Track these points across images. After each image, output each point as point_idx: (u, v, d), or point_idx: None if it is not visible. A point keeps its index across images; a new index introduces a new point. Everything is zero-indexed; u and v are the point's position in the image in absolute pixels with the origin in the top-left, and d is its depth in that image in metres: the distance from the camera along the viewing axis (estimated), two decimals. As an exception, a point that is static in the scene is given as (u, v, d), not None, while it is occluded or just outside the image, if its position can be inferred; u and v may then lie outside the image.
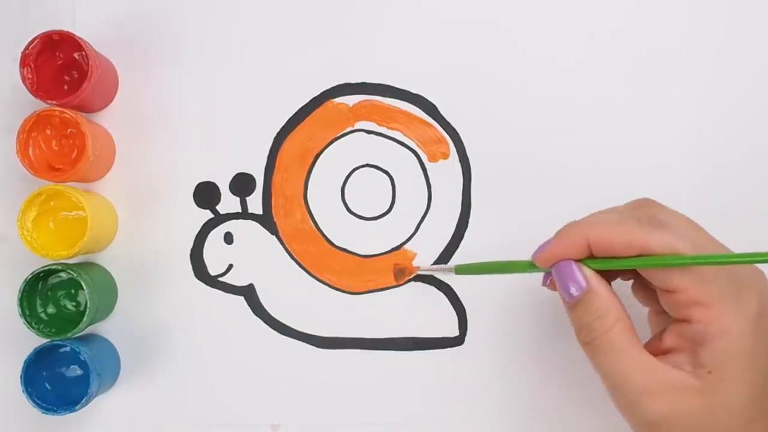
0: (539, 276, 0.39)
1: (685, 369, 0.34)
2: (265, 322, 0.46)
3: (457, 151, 0.46)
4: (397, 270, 0.44)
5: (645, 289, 0.39)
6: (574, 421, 0.45)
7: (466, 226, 0.46)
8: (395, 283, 0.46)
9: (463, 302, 0.46)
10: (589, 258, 0.36)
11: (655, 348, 0.36)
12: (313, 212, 0.47)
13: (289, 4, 0.47)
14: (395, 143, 0.47)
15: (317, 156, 0.47)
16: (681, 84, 0.46)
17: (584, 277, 0.35)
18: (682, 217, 0.35)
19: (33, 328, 0.42)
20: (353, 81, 0.47)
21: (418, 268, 0.45)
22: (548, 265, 0.36)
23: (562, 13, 0.46)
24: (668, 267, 0.34)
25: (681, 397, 0.34)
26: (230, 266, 0.46)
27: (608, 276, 0.37)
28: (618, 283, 0.38)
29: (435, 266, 0.45)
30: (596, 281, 0.35)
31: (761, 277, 0.35)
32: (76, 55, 0.45)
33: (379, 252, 0.46)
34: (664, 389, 0.34)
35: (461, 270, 0.43)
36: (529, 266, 0.37)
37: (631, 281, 0.39)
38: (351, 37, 0.47)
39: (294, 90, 0.47)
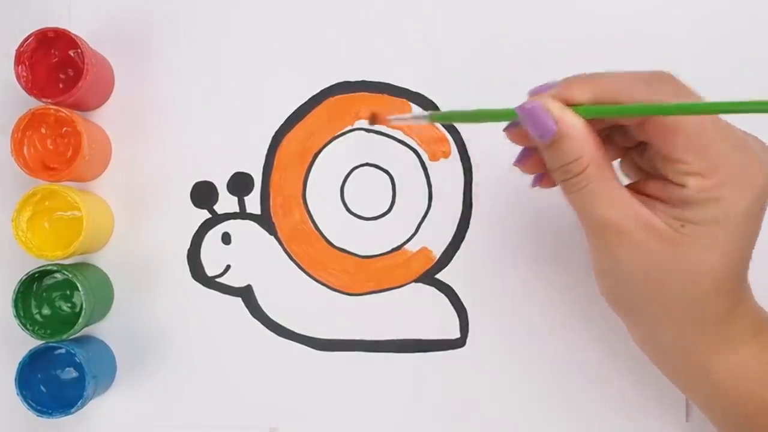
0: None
1: (659, 214, 0.33)
2: (263, 324, 0.46)
3: (458, 149, 0.46)
4: (371, 116, 0.40)
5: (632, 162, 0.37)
6: (575, 423, 0.45)
7: (468, 226, 0.46)
8: (396, 284, 0.46)
9: (464, 304, 0.45)
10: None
11: (635, 188, 0.34)
12: (312, 212, 0.46)
13: (288, 2, 0.46)
14: (395, 142, 0.46)
15: (316, 155, 0.46)
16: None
17: (553, 120, 0.32)
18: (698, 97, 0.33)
19: (28, 329, 0.42)
20: (353, 79, 0.46)
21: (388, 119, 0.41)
22: None
23: (563, 11, 0.46)
24: (661, 115, 0.31)
25: (647, 236, 0.33)
26: (228, 267, 0.46)
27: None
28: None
29: (408, 115, 0.42)
30: (568, 124, 0.32)
31: None
32: (71, 52, 0.45)
33: (379, 252, 0.46)
34: (632, 225, 0.33)
35: (436, 118, 0.40)
36: (510, 114, 0.34)
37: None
38: (351, 36, 0.46)
39: (293, 88, 0.46)
